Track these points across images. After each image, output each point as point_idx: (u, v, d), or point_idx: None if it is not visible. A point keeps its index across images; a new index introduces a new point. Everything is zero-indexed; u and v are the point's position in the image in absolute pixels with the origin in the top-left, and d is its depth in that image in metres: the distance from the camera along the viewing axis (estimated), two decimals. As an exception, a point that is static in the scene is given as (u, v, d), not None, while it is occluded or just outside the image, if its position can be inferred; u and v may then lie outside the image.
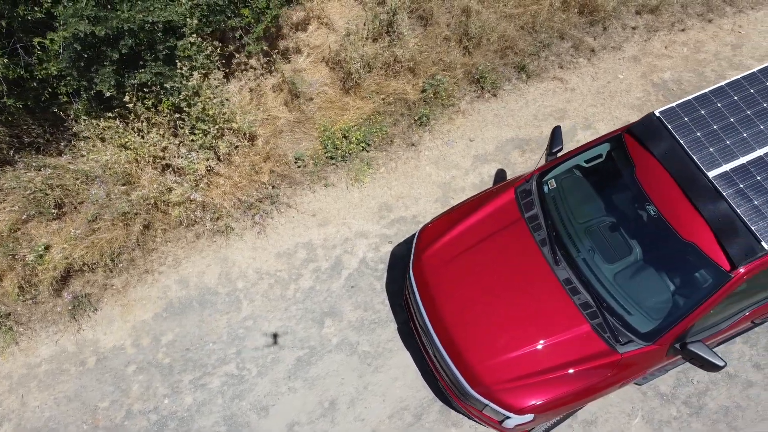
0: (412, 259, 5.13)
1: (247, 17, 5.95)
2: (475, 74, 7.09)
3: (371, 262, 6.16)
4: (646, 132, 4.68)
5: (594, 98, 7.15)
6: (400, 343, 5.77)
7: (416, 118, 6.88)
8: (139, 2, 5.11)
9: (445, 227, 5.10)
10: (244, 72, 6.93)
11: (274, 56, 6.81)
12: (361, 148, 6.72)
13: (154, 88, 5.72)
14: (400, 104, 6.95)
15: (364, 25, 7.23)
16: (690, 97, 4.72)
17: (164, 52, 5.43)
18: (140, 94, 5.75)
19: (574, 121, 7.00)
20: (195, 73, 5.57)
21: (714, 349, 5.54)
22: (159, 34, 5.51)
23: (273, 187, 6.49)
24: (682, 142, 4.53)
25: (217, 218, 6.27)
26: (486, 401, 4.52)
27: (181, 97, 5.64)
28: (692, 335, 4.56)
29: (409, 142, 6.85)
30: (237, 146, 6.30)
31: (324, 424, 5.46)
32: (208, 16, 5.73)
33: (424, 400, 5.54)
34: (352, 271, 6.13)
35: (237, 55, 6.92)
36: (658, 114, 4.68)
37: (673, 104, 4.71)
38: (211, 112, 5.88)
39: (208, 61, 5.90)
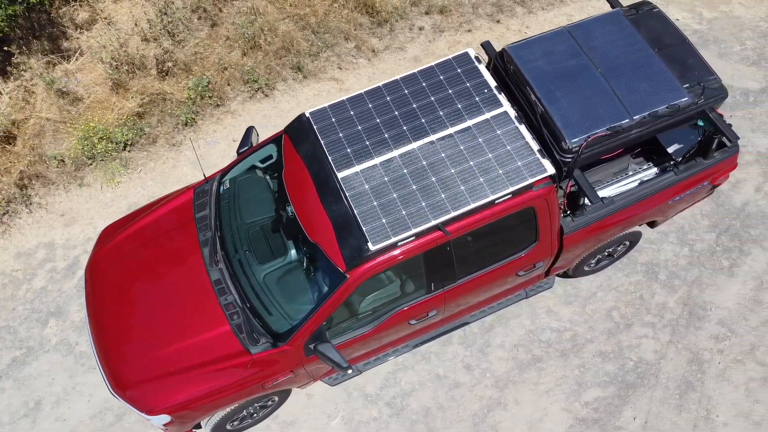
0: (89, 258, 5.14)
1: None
2: (247, 74, 7.08)
3: (108, 263, 6.15)
4: (297, 132, 4.67)
5: (367, 99, 7.13)
6: (119, 343, 5.77)
7: (182, 118, 6.87)
8: None
9: (122, 226, 5.09)
10: (22, 72, 6.97)
11: (28, 57, 6.82)
12: (122, 148, 6.72)
13: None
14: (168, 104, 6.94)
15: (136, 25, 7.24)
16: (344, 98, 4.71)
17: None
18: None
19: (341, 121, 6.98)
20: None
21: (416, 348, 5.54)
22: None
23: (24, 188, 6.48)
24: (322, 143, 4.52)
25: (-40, 218, 6.27)
26: (123, 401, 4.51)
27: None
28: (335, 335, 4.56)
29: (172, 143, 6.85)
30: (-21, 146, 6.32)
31: (25, 424, 5.46)
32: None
33: (129, 400, 5.54)
34: (87, 271, 6.13)
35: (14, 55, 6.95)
36: (308, 114, 4.67)
37: (326, 105, 4.70)
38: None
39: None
